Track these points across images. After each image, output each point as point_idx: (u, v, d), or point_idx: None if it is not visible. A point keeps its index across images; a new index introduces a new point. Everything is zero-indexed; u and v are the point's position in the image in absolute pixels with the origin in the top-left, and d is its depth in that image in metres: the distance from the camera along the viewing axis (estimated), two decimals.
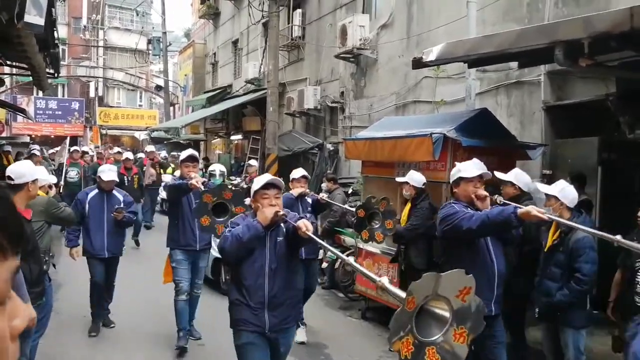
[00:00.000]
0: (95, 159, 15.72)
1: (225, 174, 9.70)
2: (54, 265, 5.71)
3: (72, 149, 14.37)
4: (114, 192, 6.68)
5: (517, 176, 5.47)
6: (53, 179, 6.42)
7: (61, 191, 11.69)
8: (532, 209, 3.74)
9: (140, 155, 16.01)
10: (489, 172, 4.45)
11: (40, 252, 4.61)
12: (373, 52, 12.54)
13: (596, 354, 5.66)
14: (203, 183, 5.81)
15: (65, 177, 12.95)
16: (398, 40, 11.66)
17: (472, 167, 4.38)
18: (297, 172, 6.58)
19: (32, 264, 4.22)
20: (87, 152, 15.57)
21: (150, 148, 16.02)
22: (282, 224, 3.79)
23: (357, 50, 12.47)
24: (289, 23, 16.74)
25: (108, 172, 6.61)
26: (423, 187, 6.30)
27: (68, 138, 15.88)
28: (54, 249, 10.46)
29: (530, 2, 8.23)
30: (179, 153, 22.40)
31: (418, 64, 6.51)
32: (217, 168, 9.61)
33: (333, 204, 7.41)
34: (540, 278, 4.84)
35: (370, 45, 12.46)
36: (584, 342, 4.84)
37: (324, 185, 10.20)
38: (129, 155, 13.99)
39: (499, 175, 5.51)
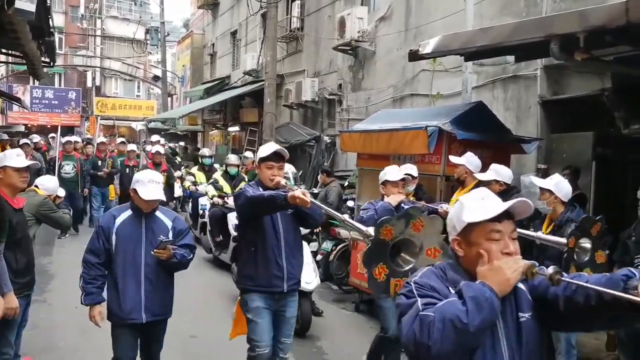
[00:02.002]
0: (95, 151, 14.01)
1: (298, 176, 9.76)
2: None
3: (64, 139, 12.88)
4: (158, 213, 4.13)
5: (497, 172, 5.45)
6: (61, 192, 6.21)
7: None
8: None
9: (151, 148, 13.93)
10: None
11: (30, 242, 4.54)
12: (371, 45, 12.50)
13: (588, 348, 5.68)
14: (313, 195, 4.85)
15: (60, 172, 11.56)
16: (396, 33, 11.63)
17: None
18: (392, 172, 5.08)
19: (18, 254, 4.16)
20: (90, 142, 14.87)
21: (155, 138, 15.16)
22: None
23: (355, 42, 12.43)
24: (287, 14, 16.68)
25: (149, 186, 3.94)
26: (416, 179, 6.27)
27: (59, 128, 14.50)
28: (47, 238, 10.62)
29: None
30: (177, 144, 22.22)
31: (414, 56, 6.50)
32: (290, 170, 9.63)
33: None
34: None
35: (368, 38, 12.42)
36: (576, 337, 4.85)
37: (319, 178, 10.22)
38: (133, 147, 13.43)
39: (480, 176, 5.51)
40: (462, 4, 8.32)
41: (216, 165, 12.42)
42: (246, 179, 10.44)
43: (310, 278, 6.35)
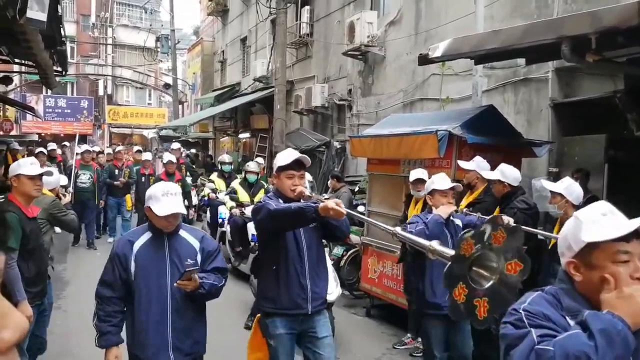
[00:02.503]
0: (111, 159, 13.67)
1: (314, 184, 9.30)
2: (52, 267, 5.69)
3: (82, 148, 12.31)
4: (183, 232, 3.52)
5: (503, 172, 5.39)
6: (64, 180, 6.28)
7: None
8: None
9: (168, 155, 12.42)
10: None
11: (43, 251, 4.57)
12: (381, 49, 12.48)
13: None
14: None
15: (76, 182, 11.07)
16: (406, 37, 11.60)
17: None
18: (440, 180, 4.69)
19: (30, 263, 4.17)
20: (102, 152, 14.35)
21: (176, 145, 14.16)
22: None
23: (364, 47, 12.41)
24: (297, 20, 16.71)
25: (164, 200, 3.33)
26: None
27: (77, 135, 13.92)
28: (62, 244, 10.69)
29: None
30: (189, 151, 22.09)
31: (424, 60, 6.46)
32: (307, 178, 9.55)
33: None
34: (544, 277, 4.79)
35: (378, 42, 12.40)
36: None
37: (329, 184, 10.20)
38: (148, 155, 12.93)
39: (486, 175, 5.48)
40: (472, 6, 8.28)
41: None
42: (266, 187, 10.24)
43: (330, 288, 6.17)
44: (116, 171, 12.27)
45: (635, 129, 6.04)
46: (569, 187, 4.67)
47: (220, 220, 10.20)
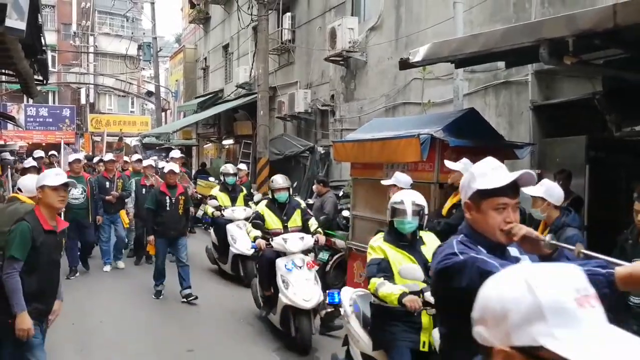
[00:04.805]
0: (101, 169, 11.78)
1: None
2: None
3: (71, 157, 10.42)
4: None
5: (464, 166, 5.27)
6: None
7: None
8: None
9: (165, 164, 11.11)
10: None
11: (54, 268, 4.25)
12: (362, 55, 12.54)
13: None
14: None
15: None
16: (387, 42, 11.67)
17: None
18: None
19: (33, 277, 3.96)
20: (101, 160, 12.31)
21: (176, 154, 12.44)
22: None
23: (346, 53, 12.47)
24: (278, 27, 16.74)
25: None
26: (410, 188, 6.26)
27: (62, 143, 13.37)
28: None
29: (517, 2, 8.26)
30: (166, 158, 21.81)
31: (405, 64, 6.52)
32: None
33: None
34: None
35: (359, 48, 12.46)
36: None
37: (314, 188, 10.19)
38: (150, 162, 11.46)
39: (449, 164, 5.45)
40: (451, 11, 8.36)
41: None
42: (244, 190, 10.17)
43: (308, 295, 6.12)
44: (107, 183, 10.29)
45: (615, 130, 6.12)
46: (549, 190, 4.69)
47: (251, 250, 8.05)
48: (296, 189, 12.71)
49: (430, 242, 4.26)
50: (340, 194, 10.54)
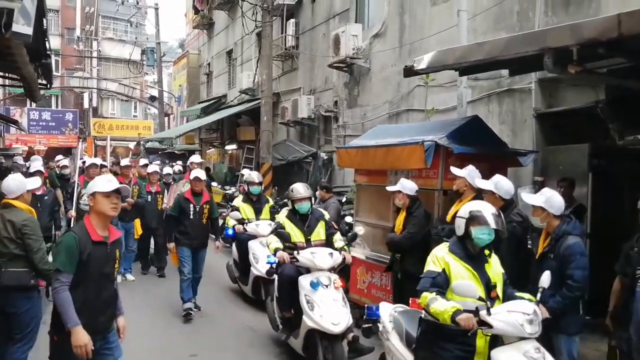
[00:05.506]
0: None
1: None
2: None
3: (87, 162, 10.06)
4: None
5: (496, 184, 5.35)
6: (36, 183, 5.39)
7: (70, 225, 8.53)
8: None
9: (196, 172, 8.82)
10: None
11: (105, 282, 3.88)
12: (366, 62, 12.58)
13: None
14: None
15: (78, 203, 8.77)
16: (390, 49, 11.71)
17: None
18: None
19: (79, 291, 3.69)
20: (117, 163, 12.23)
21: (196, 159, 11.90)
22: None
23: (350, 59, 12.51)
24: (282, 33, 16.80)
25: None
26: (415, 194, 6.28)
27: (80, 144, 12.75)
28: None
29: (521, 10, 8.29)
30: (175, 163, 21.81)
31: (409, 72, 6.54)
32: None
33: None
34: (532, 285, 4.82)
35: (363, 55, 12.50)
36: (578, 348, 4.83)
37: (317, 194, 10.18)
38: (155, 167, 11.01)
39: (479, 182, 5.48)
40: (455, 19, 8.39)
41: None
42: (270, 201, 9.17)
43: (337, 318, 5.41)
44: None
45: (617, 138, 6.13)
46: (549, 200, 4.66)
47: (267, 267, 6.62)
48: None
49: (494, 262, 4.07)
50: (343, 199, 10.56)
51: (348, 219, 9.14)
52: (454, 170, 5.81)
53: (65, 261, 3.64)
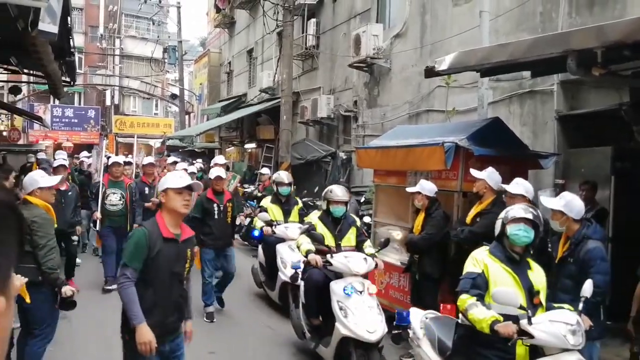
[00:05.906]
0: (140, 174, 11.15)
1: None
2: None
3: (110, 159, 9.68)
4: None
5: (524, 187, 5.37)
6: (54, 180, 5.17)
7: (97, 226, 8.78)
8: None
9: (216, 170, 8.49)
10: None
11: (173, 282, 3.80)
12: (386, 62, 12.56)
13: None
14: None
15: (104, 203, 8.66)
16: (411, 50, 11.67)
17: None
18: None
19: (149, 290, 3.64)
20: (130, 163, 11.49)
21: (220, 160, 11.33)
22: None
23: (370, 59, 12.49)
24: (303, 32, 16.83)
25: None
26: (435, 196, 6.27)
27: (104, 141, 12.95)
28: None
29: (544, 11, 8.21)
30: (195, 161, 21.92)
31: (430, 73, 6.53)
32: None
33: None
34: (552, 290, 4.78)
35: (383, 55, 12.48)
36: (599, 354, 4.77)
37: None
38: (183, 165, 10.63)
39: (508, 187, 5.45)
40: (477, 20, 8.34)
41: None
42: (299, 203, 8.66)
43: (372, 325, 5.14)
44: (146, 189, 9.48)
45: None
46: (568, 204, 4.61)
47: (292, 271, 6.42)
48: (317, 194, 12.70)
49: (537, 269, 3.94)
50: (362, 199, 10.55)
51: (366, 219, 9.13)
52: (474, 172, 5.79)
53: (131, 255, 3.60)
